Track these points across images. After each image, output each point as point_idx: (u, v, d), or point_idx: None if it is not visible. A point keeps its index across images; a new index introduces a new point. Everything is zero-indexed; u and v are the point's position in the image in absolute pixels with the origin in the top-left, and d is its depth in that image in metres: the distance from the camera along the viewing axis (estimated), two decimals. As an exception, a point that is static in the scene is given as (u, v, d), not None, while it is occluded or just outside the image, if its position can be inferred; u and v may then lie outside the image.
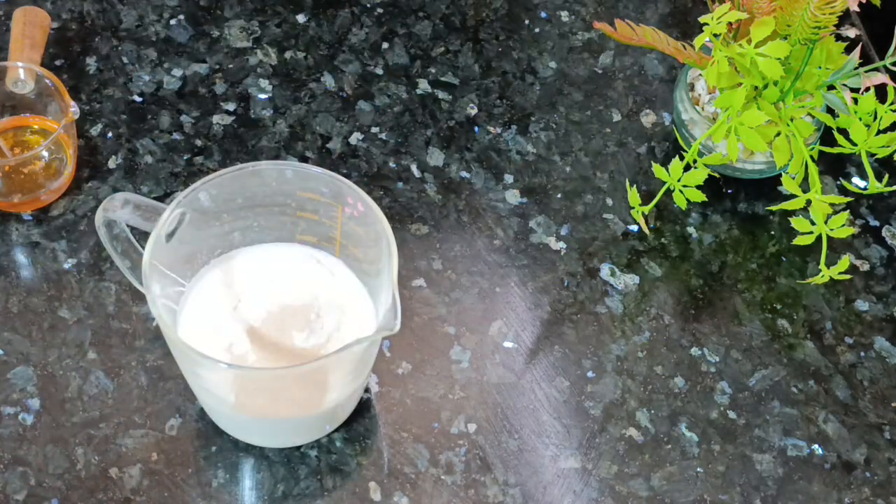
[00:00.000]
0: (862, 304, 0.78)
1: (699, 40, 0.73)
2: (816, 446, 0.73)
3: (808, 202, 0.74)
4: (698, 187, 0.76)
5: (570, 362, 0.75)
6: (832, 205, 0.74)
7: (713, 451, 0.72)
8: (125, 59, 0.84)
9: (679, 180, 0.77)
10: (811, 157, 0.74)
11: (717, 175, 0.80)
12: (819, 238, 0.74)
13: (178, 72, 0.84)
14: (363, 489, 0.69)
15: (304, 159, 0.81)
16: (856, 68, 0.74)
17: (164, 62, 0.84)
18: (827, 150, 0.77)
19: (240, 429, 0.69)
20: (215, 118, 0.82)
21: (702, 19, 0.73)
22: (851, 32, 0.89)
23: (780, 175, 0.80)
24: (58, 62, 0.84)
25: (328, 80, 0.85)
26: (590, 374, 0.74)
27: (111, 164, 0.80)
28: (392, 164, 0.82)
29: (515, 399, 0.73)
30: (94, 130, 0.81)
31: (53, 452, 0.69)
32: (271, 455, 0.70)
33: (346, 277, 0.70)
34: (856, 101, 0.74)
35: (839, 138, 0.75)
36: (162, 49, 0.85)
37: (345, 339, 0.66)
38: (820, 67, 0.74)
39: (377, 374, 0.73)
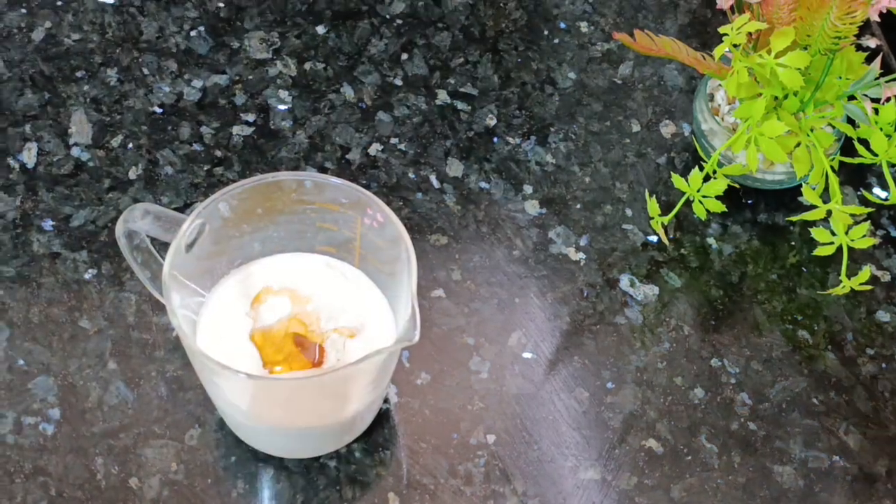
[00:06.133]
0: (883, 315, 0.78)
1: (719, 50, 0.73)
2: (837, 458, 0.72)
3: (829, 213, 0.73)
4: (718, 198, 0.76)
5: (589, 373, 0.74)
6: (853, 215, 0.73)
7: (733, 462, 0.72)
8: (146, 71, 0.85)
9: (699, 191, 0.76)
10: (831, 167, 0.74)
11: (736, 185, 0.80)
12: (840, 249, 0.74)
13: (198, 83, 0.84)
14: (382, 500, 0.69)
15: (323, 170, 0.81)
16: (876, 78, 0.74)
17: (184, 73, 0.85)
18: (847, 160, 0.77)
19: (259, 439, 0.69)
20: (235, 129, 0.83)
21: (721, 29, 0.73)
22: (872, 42, 0.89)
23: (800, 186, 0.80)
24: (79, 73, 0.84)
25: (347, 91, 0.85)
26: (609, 384, 0.74)
27: (132, 174, 0.80)
28: (411, 175, 0.82)
29: (535, 410, 0.73)
30: (115, 142, 0.81)
31: (74, 462, 0.69)
32: (290, 465, 0.70)
33: (365, 288, 0.70)
34: (876, 111, 0.74)
35: (860, 149, 0.74)
36: (182, 60, 0.85)
37: (364, 350, 0.66)
38: (840, 78, 0.74)
39: (396, 385, 0.73)
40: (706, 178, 0.76)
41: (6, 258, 0.76)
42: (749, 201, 0.82)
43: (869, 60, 0.75)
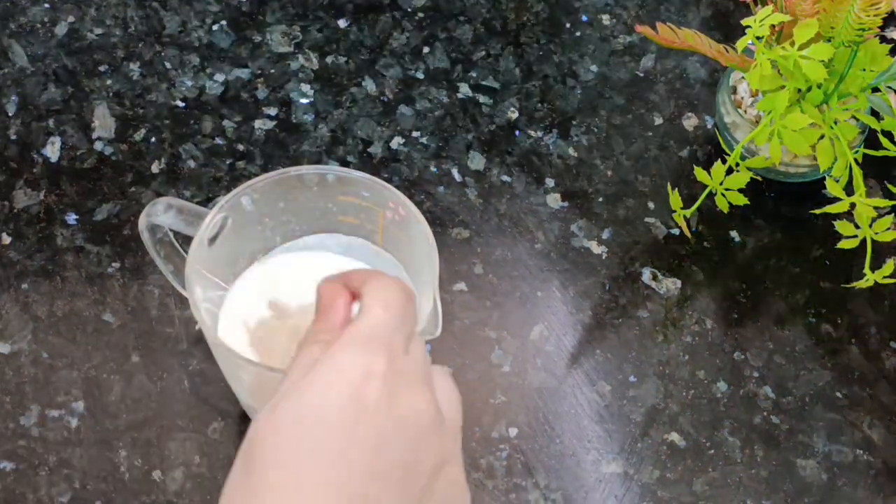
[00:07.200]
0: (907, 309, 0.77)
1: (742, 43, 0.72)
2: (861, 452, 0.72)
3: (853, 206, 0.73)
4: (741, 191, 0.76)
5: (611, 367, 0.74)
6: (877, 208, 0.73)
7: (756, 456, 0.72)
8: (168, 65, 0.85)
9: (721, 184, 0.76)
10: (855, 159, 0.73)
11: (759, 178, 0.79)
12: (863, 242, 0.74)
13: (220, 77, 0.85)
14: (404, 493, 0.69)
15: (345, 164, 0.81)
16: (901, 70, 0.74)
17: (206, 67, 0.85)
18: (871, 152, 0.77)
19: (281, 432, 0.69)
20: (257, 123, 0.83)
21: (744, 22, 0.73)
22: (896, 34, 0.89)
23: (823, 178, 0.79)
24: (101, 68, 0.84)
25: (369, 85, 0.85)
26: (631, 378, 0.74)
27: (154, 168, 0.80)
28: (433, 169, 0.82)
29: (557, 403, 0.73)
30: (138, 136, 0.82)
31: (97, 455, 0.70)
32: (313, 458, 0.70)
33: (387, 281, 0.70)
34: (901, 103, 0.73)
35: (884, 141, 0.74)
36: (204, 54, 0.86)
37: (386, 343, 0.66)
38: (864, 69, 0.73)
39: (418, 378, 0.73)
40: (729, 171, 0.76)
41: (30, 252, 0.76)
42: (772, 194, 0.82)
43: (893, 52, 0.75)
